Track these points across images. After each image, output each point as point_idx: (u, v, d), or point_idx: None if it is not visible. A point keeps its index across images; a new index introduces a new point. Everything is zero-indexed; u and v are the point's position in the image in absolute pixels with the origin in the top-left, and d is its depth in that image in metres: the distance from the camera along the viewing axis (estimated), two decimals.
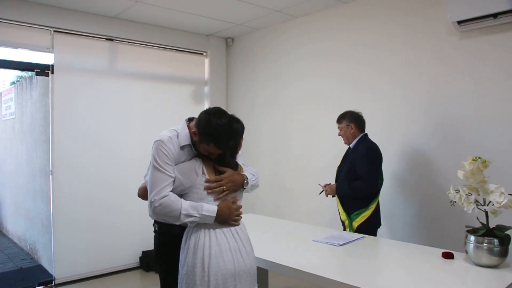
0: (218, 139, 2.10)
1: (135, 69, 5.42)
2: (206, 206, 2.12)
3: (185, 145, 2.21)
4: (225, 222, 2.16)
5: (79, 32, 4.89)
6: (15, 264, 5.95)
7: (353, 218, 3.50)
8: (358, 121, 3.66)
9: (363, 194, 3.48)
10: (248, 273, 2.18)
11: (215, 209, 2.12)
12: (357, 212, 3.49)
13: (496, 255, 2.34)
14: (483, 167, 2.37)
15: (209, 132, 2.10)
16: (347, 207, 3.58)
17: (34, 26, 4.57)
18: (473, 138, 3.62)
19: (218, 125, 2.08)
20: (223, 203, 2.17)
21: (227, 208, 2.16)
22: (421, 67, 3.98)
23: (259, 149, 5.67)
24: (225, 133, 2.10)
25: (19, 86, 6.79)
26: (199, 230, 2.13)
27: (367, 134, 3.69)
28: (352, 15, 4.57)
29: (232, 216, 2.18)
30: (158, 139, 2.17)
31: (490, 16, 3.39)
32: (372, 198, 3.49)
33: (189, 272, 2.10)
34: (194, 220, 2.10)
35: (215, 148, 2.14)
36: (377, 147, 3.61)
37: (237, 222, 2.22)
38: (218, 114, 2.13)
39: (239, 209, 2.25)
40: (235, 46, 6.20)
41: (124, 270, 5.27)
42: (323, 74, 4.89)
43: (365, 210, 3.47)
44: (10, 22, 4.41)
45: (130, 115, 5.33)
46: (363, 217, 3.46)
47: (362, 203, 3.49)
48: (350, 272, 2.42)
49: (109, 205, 5.08)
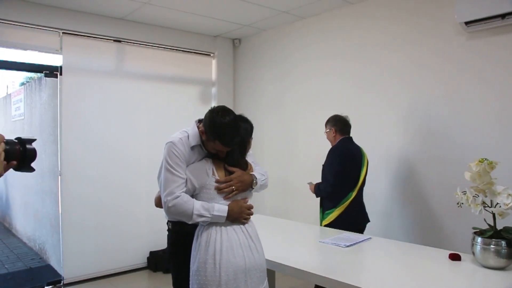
0: (223, 136, 2.14)
1: (143, 70, 5.44)
2: (217, 206, 2.17)
3: (195, 145, 2.26)
4: (236, 220, 2.22)
5: (87, 33, 4.93)
6: (24, 264, 6.00)
7: (324, 217, 3.65)
8: (339, 124, 3.74)
9: (325, 195, 3.66)
10: (258, 269, 2.22)
11: (226, 209, 2.18)
12: (327, 211, 3.63)
13: (503, 257, 2.32)
14: (490, 168, 2.36)
15: (214, 130, 2.14)
16: (323, 206, 3.73)
17: (43, 28, 4.61)
18: (481, 138, 3.60)
19: (222, 123, 2.12)
20: (233, 203, 2.22)
21: (237, 207, 2.22)
22: (429, 67, 3.97)
23: (266, 150, 5.68)
24: (229, 130, 2.13)
25: (28, 88, 6.85)
26: (210, 228, 2.19)
27: (347, 138, 3.75)
28: (359, 16, 4.56)
29: (243, 214, 2.24)
30: (169, 141, 2.23)
31: (498, 17, 3.37)
32: (339, 198, 3.58)
33: (200, 268, 2.14)
34: (206, 220, 2.16)
35: (221, 145, 2.18)
36: (348, 151, 3.67)
37: (247, 220, 2.27)
38: (222, 112, 2.17)
39: (250, 208, 2.30)
40: (242, 47, 6.21)
41: (132, 270, 5.29)
42: (330, 75, 4.89)
43: (334, 210, 3.58)
44: (19, 24, 4.45)
45: (138, 116, 5.35)
46: (330, 218, 3.58)
47: (332, 202, 3.61)
48: (356, 274, 2.42)
49: (116, 205, 5.11)
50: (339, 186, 3.57)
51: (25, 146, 1.21)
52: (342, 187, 3.58)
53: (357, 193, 3.62)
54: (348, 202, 3.57)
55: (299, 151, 5.31)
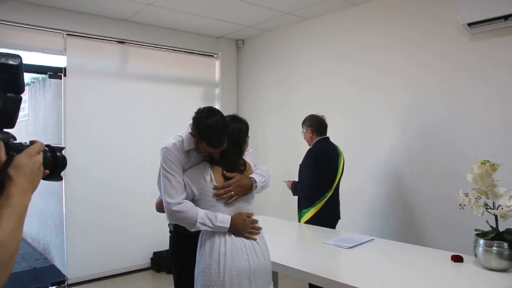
0: (208, 137, 2.12)
1: (146, 72, 5.46)
2: (220, 217, 2.16)
3: (190, 149, 2.25)
4: (239, 234, 2.20)
5: (91, 35, 4.95)
6: (28, 264, 6.03)
7: (302, 215, 3.79)
8: (316, 125, 3.84)
9: (302, 195, 3.80)
10: (263, 272, 2.22)
11: (229, 220, 2.17)
12: (304, 210, 3.77)
13: (505, 259, 2.33)
14: (492, 170, 2.36)
15: (200, 131, 2.13)
16: (300, 205, 3.88)
17: (47, 30, 4.64)
18: (484, 140, 3.60)
19: (206, 124, 2.10)
20: (237, 215, 2.22)
21: (241, 220, 2.21)
22: (431, 69, 3.97)
23: (268, 151, 5.68)
24: (214, 131, 2.10)
25: (33, 89, 6.88)
26: (214, 235, 2.18)
27: (324, 138, 3.84)
28: (362, 17, 4.56)
29: (247, 228, 2.22)
30: (163, 147, 2.23)
31: (501, 18, 3.36)
32: (315, 198, 3.71)
33: (205, 271, 2.15)
34: (208, 229, 2.16)
35: (208, 147, 2.16)
36: (323, 152, 3.77)
37: (252, 235, 2.24)
38: (206, 113, 2.14)
39: (255, 222, 2.28)
40: (246, 48, 6.22)
41: (136, 270, 5.31)
42: (334, 76, 4.89)
43: (310, 208, 3.72)
44: (24, 25, 4.47)
45: (141, 116, 5.37)
46: (308, 216, 3.73)
47: (308, 202, 3.75)
48: (359, 275, 2.42)
49: (120, 206, 5.12)
50: (315, 188, 3.71)
51: (56, 154, 1.16)
52: (318, 189, 3.71)
53: (333, 192, 3.76)
54: (324, 201, 3.72)
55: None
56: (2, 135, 1.08)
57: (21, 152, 1.04)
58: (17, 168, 1.01)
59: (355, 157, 4.45)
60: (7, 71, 1.06)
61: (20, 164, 1.02)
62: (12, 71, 1.07)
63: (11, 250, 0.96)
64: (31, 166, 1.04)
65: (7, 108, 1.08)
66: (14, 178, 1.00)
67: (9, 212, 0.96)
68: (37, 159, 1.06)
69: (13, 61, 1.06)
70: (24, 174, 1.02)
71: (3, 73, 1.06)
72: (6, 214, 0.95)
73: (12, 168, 1.01)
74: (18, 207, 0.99)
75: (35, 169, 1.05)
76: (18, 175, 1.01)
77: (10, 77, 1.07)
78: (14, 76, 1.08)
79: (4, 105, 1.07)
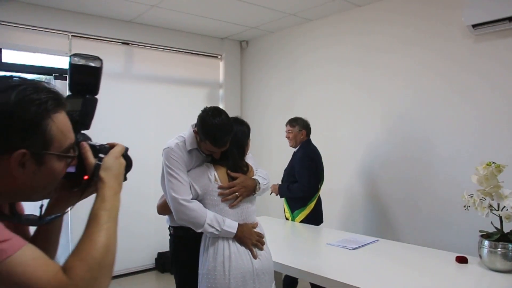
0: (213, 137, 2.13)
1: (151, 73, 5.48)
2: (228, 221, 2.17)
3: (192, 149, 2.26)
4: (244, 243, 2.20)
5: (96, 36, 4.97)
6: None
7: (295, 215, 3.90)
8: (308, 128, 4.05)
9: (299, 195, 3.87)
10: (266, 273, 2.24)
11: (236, 226, 2.18)
12: (297, 210, 3.89)
13: (510, 260, 2.33)
14: (497, 171, 2.36)
15: (204, 130, 2.14)
16: (291, 206, 3.97)
17: (52, 31, 4.66)
18: (488, 141, 3.60)
19: (212, 123, 2.12)
20: (245, 225, 2.22)
21: (248, 230, 2.22)
22: (436, 70, 3.97)
23: (272, 152, 5.67)
24: (220, 130, 2.12)
25: None
26: (217, 240, 2.19)
27: (310, 140, 4.05)
28: (366, 19, 4.56)
29: (252, 238, 2.22)
30: (166, 147, 2.24)
31: (505, 20, 3.37)
32: (309, 198, 3.86)
33: (209, 273, 2.15)
34: (215, 232, 2.15)
35: (211, 146, 2.17)
36: (315, 153, 3.96)
37: (257, 247, 2.24)
38: (213, 112, 2.16)
39: (261, 237, 2.28)
40: (250, 49, 6.23)
41: (140, 271, 5.32)
42: (338, 78, 4.88)
43: (304, 208, 3.86)
44: (29, 27, 4.50)
45: (145, 117, 5.38)
46: (302, 215, 3.86)
47: (301, 202, 3.88)
48: (363, 276, 2.42)
49: (124, 207, 4.93)
50: (312, 188, 3.86)
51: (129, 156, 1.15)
52: (313, 188, 3.87)
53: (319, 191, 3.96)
54: (315, 201, 3.90)
55: None
56: (82, 137, 1.09)
57: (108, 154, 1.05)
58: (107, 170, 1.02)
59: (364, 159, 4.45)
60: (88, 73, 1.07)
61: (109, 166, 1.03)
62: (93, 73, 1.08)
63: (115, 253, 0.97)
64: (118, 168, 1.05)
65: (86, 110, 1.09)
66: (106, 180, 1.01)
67: (108, 215, 0.98)
68: (121, 161, 1.08)
69: (94, 64, 1.08)
70: (113, 176, 1.03)
71: (84, 75, 1.07)
72: (105, 217, 0.98)
73: (102, 170, 1.02)
74: (113, 210, 1.02)
75: (121, 171, 1.07)
76: (109, 178, 1.02)
77: (90, 79, 1.08)
78: (93, 78, 1.09)
79: (84, 107, 1.08)
